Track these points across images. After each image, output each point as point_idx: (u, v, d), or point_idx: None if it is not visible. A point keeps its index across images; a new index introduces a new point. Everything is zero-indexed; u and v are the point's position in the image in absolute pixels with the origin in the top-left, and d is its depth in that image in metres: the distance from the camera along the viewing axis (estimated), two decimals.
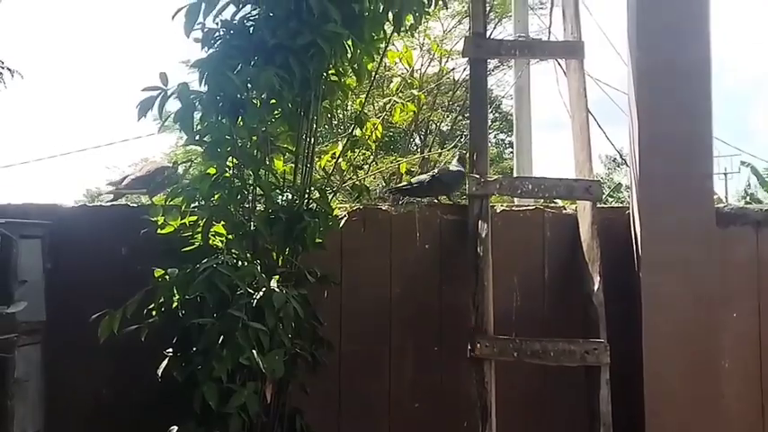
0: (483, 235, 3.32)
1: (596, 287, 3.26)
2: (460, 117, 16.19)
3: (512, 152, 15.40)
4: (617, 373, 3.18)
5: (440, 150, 16.19)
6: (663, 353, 3.18)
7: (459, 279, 3.42)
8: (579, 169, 3.49)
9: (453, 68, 14.37)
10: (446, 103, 15.56)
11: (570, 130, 3.59)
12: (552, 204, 3.67)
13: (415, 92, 3.84)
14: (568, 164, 3.56)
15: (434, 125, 16.25)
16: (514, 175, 9.60)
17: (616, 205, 4.16)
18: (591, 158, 3.50)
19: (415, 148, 16.47)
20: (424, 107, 13.91)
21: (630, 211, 3.45)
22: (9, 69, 3.97)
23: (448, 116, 16.24)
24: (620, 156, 15.24)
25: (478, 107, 3.61)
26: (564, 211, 3.59)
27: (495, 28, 13.67)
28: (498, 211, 3.57)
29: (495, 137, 19.01)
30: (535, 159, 9.88)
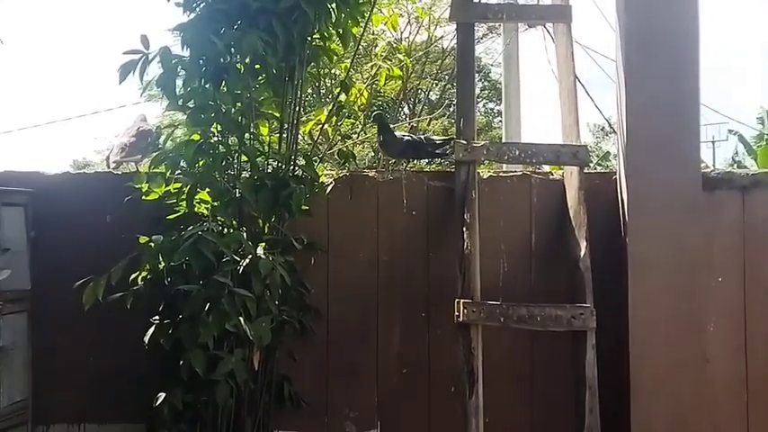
0: (470, 201, 3.30)
1: (583, 252, 3.26)
2: (449, 86, 16.08)
3: (501, 121, 15.36)
4: (603, 337, 3.19)
5: (428, 118, 16.12)
6: (648, 317, 3.20)
7: (447, 245, 3.42)
8: (566, 134, 3.47)
9: (442, 36, 14.22)
10: (435, 72, 15.42)
11: (558, 96, 3.55)
12: (539, 170, 3.65)
13: (401, 56, 3.78)
14: (558, 133, 3.53)
15: (423, 94, 16.13)
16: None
17: (603, 170, 4.14)
18: (578, 123, 3.47)
19: (404, 117, 16.37)
20: (413, 76, 13.80)
21: (617, 177, 3.44)
22: None
23: (436, 85, 16.12)
24: (609, 124, 15.20)
25: (465, 73, 3.56)
26: (551, 177, 3.57)
27: None
28: (485, 177, 3.54)
29: (483, 106, 18.90)
30: (525, 129, 9.88)
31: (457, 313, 3.19)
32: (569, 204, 3.40)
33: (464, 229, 3.29)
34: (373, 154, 12.67)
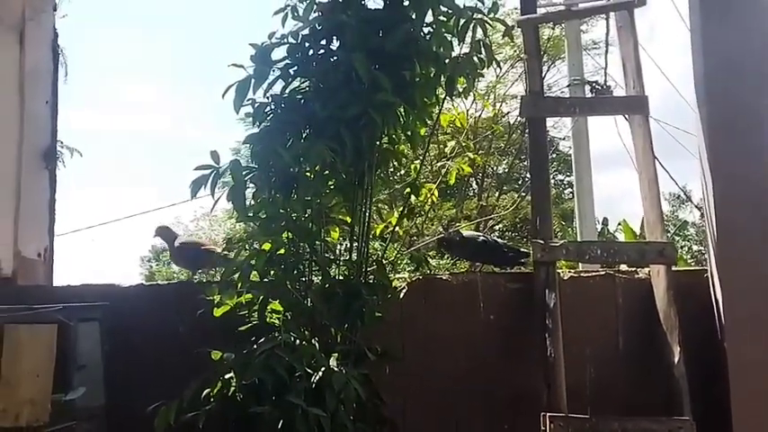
0: (551, 305, 3.15)
1: (677, 358, 3.04)
2: (517, 160, 16.00)
3: (571, 192, 15.10)
4: None
5: (497, 195, 16.01)
6: (756, 429, 2.92)
7: (528, 351, 3.25)
8: (650, 230, 3.30)
9: (508, 112, 14.23)
10: (502, 147, 15.40)
11: (638, 188, 3.40)
12: (623, 269, 3.45)
13: (470, 155, 3.70)
14: (630, 201, 3.35)
15: (491, 169, 16.08)
16: (576, 220, 9.36)
17: (693, 268, 3.91)
18: (662, 218, 3.31)
19: (472, 192, 16.33)
20: (480, 152, 13.79)
21: (709, 273, 3.22)
22: (68, 148, 4.08)
23: (504, 160, 16.07)
24: (684, 192, 14.75)
25: (539, 168, 3.46)
26: (636, 276, 3.37)
27: (548, 70, 13.50)
28: (566, 277, 3.38)
29: (553, 178, 18.67)
30: (596, 199, 9.57)
31: (543, 428, 3.00)
32: (658, 305, 3.19)
33: (546, 334, 3.13)
34: (442, 230, 12.62)
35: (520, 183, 17.51)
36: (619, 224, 16.03)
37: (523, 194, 15.45)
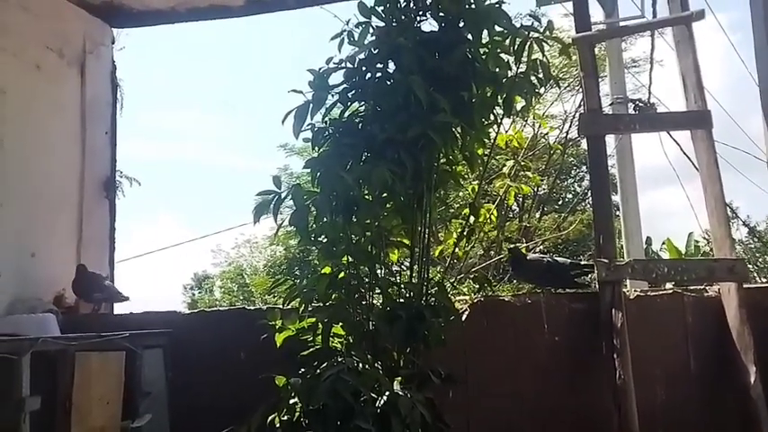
0: (618, 325, 3.08)
1: (753, 378, 2.94)
2: (558, 181, 15.85)
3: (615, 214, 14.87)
4: None
5: (538, 216, 15.85)
6: None
7: (595, 373, 3.18)
8: (718, 247, 3.22)
9: (547, 133, 14.12)
10: (541, 168, 15.25)
11: (704, 205, 3.32)
12: (692, 287, 3.36)
13: (529, 174, 3.68)
14: (670, 220, 3.29)
15: (531, 190, 15.93)
16: (622, 240, 9.21)
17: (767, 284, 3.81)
18: (730, 234, 3.23)
19: (512, 214, 16.18)
20: (520, 173, 13.66)
21: None
22: (127, 178, 4.15)
23: (544, 180, 15.90)
24: (731, 209, 14.47)
25: (600, 186, 3.41)
26: (706, 294, 3.28)
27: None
28: (632, 297, 3.30)
29: None
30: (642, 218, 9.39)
31: None
32: (731, 324, 3.10)
33: (614, 355, 3.06)
34: (483, 252, 12.49)
35: (560, 203, 17.35)
36: (663, 243, 15.76)
37: (565, 215, 15.28)
